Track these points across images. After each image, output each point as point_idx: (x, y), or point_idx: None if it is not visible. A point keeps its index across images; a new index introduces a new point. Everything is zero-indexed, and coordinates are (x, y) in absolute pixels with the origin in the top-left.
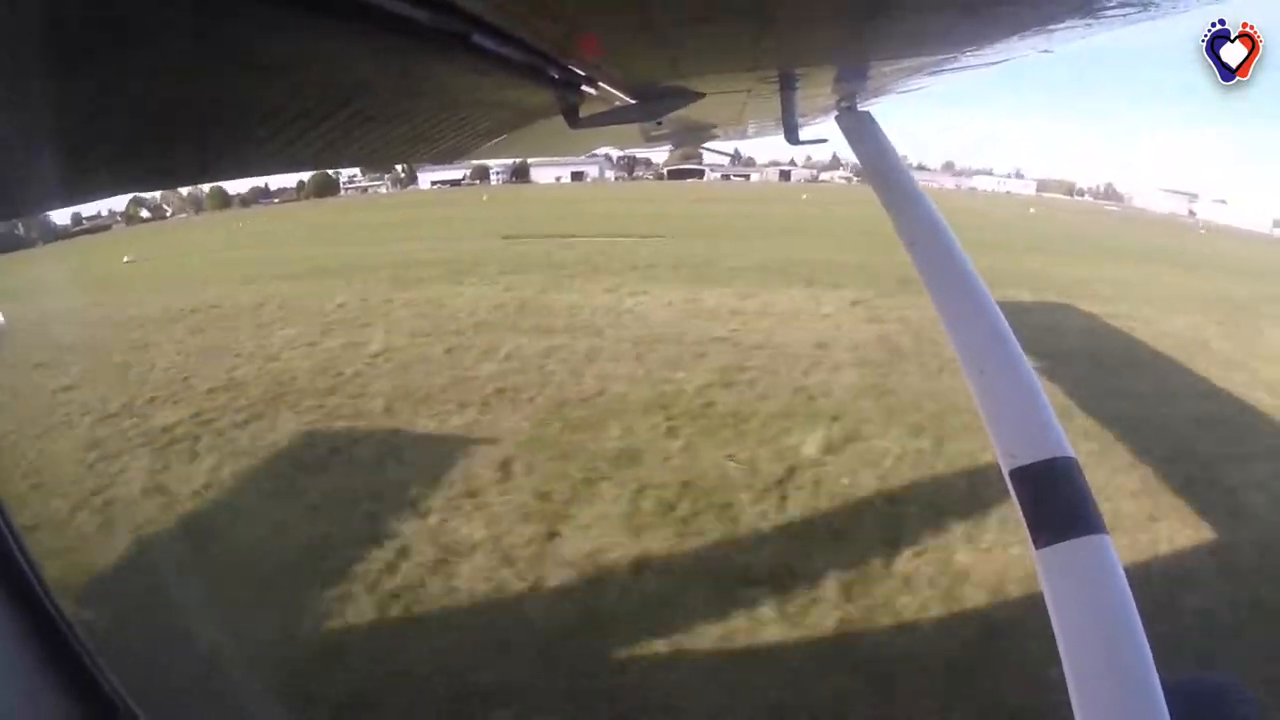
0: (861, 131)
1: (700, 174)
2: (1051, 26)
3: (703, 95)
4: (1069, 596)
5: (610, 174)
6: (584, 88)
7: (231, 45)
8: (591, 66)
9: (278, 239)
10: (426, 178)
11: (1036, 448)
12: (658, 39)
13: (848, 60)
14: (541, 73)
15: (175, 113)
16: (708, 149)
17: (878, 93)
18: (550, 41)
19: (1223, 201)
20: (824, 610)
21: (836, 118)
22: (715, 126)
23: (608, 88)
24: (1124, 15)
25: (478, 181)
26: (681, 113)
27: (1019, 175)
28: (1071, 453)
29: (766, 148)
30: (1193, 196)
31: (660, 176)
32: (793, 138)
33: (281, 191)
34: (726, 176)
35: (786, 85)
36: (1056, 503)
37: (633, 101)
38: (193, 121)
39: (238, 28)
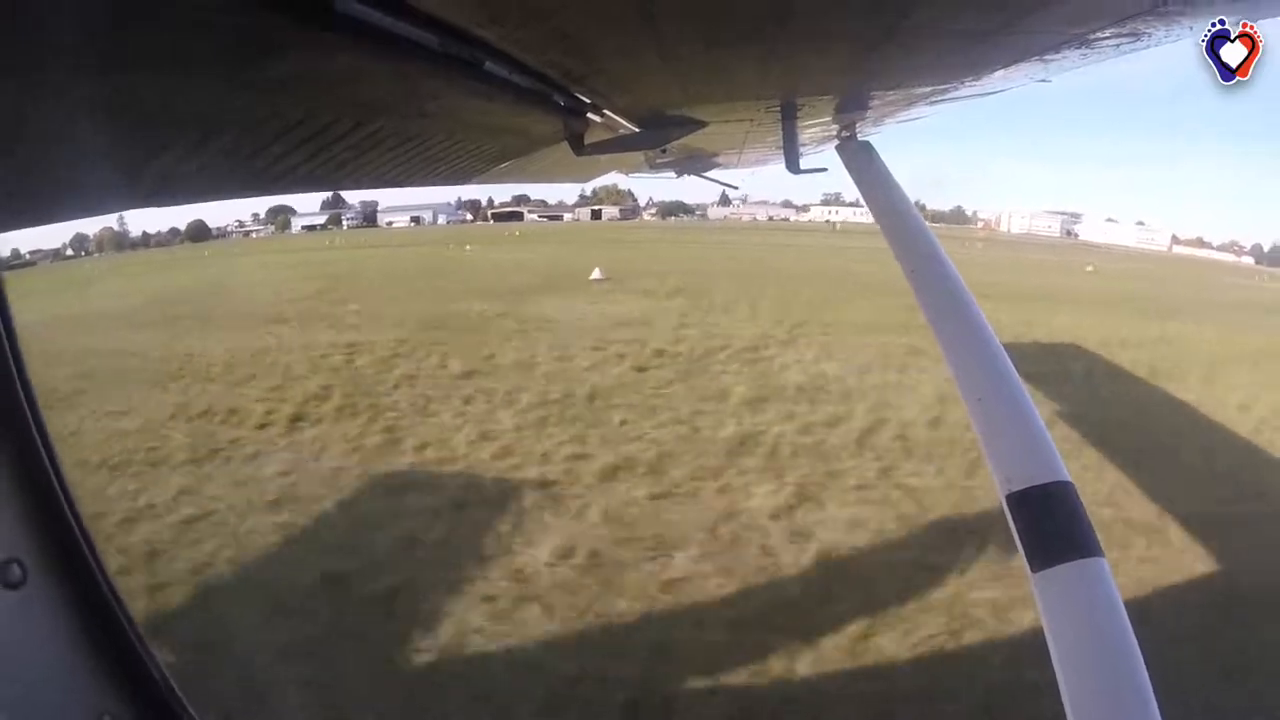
0: (861, 161)
1: (520, 216)
2: (1048, 57)
3: (705, 124)
4: (1065, 619)
5: (442, 218)
6: (589, 115)
7: (246, 61)
8: (598, 95)
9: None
10: (298, 222)
11: (1033, 473)
12: (664, 68)
13: (849, 90)
14: (549, 100)
15: (186, 128)
16: (708, 178)
17: (878, 122)
18: (559, 70)
19: (1141, 224)
20: None
21: (837, 147)
22: (717, 154)
23: (613, 115)
24: (1117, 46)
25: (332, 226)
26: (684, 141)
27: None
28: (1068, 477)
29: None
30: (1074, 217)
31: (487, 218)
32: (793, 167)
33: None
34: (548, 216)
35: (788, 114)
36: (1053, 526)
37: (637, 130)
38: (204, 138)
39: (253, 44)
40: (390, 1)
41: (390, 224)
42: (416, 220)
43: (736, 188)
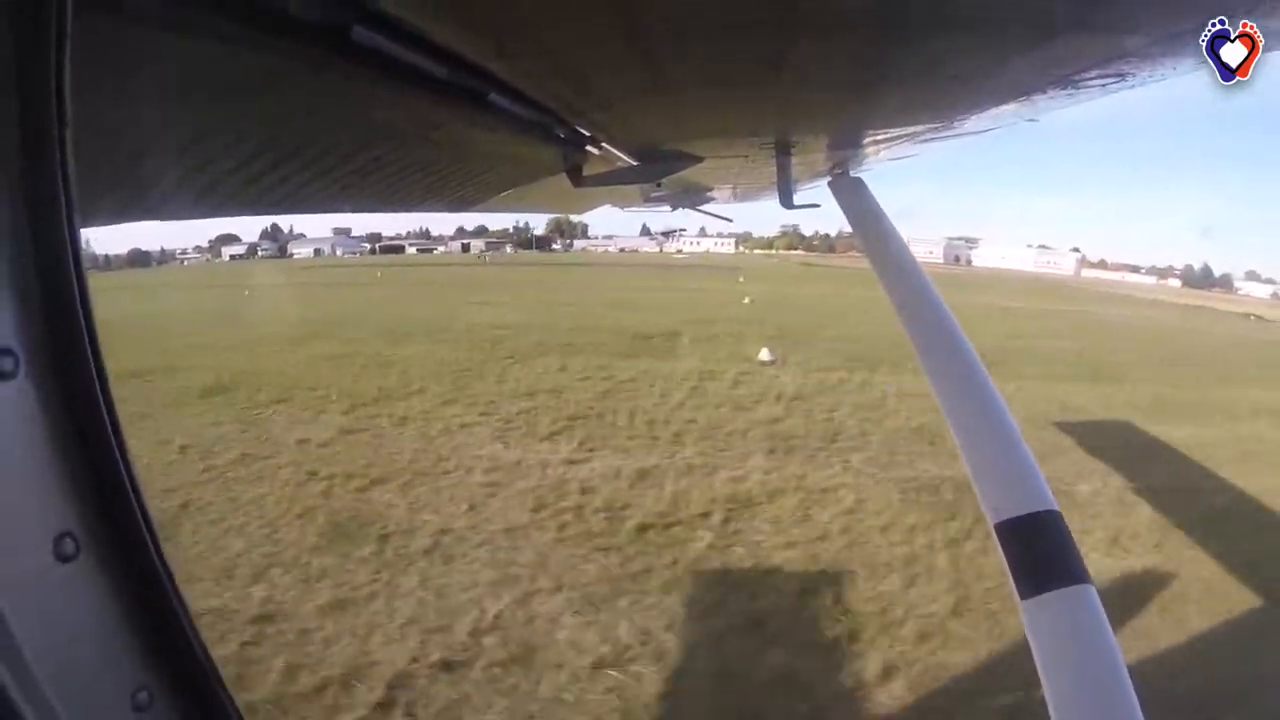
0: (854, 196)
1: (402, 249)
2: (1035, 97)
3: (701, 159)
4: (1055, 646)
5: (340, 250)
6: (588, 148)
7: (262, 83)
8: (598, 129)
9: None
10: (228, 251)
11: (1021, 502)
12: (663, 105)
13: (841, 129)
14: (550, 132)
15: (195, 147)
16: (703, 210)
17: (871, 159)
18: (561, 103)
19: (1076, 250)
20: None
21: (830, 183)
22: (712, 189)
23: (611, 149)
24: (1103, 85)
25: (251, 256)
26: (680, 175)
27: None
28: (1055, 505)
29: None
30: (969, 242)
31: (374, 250)
32: (787, 202)
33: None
34: (421, 250)
35: (783, 151)
36: (1041, 555)
37: (634, 163)
38: (214, 157)
39: (269, 66)
40: (404, 32)
41: (292, 255)
42: (318, 252)
43: (731, 220)
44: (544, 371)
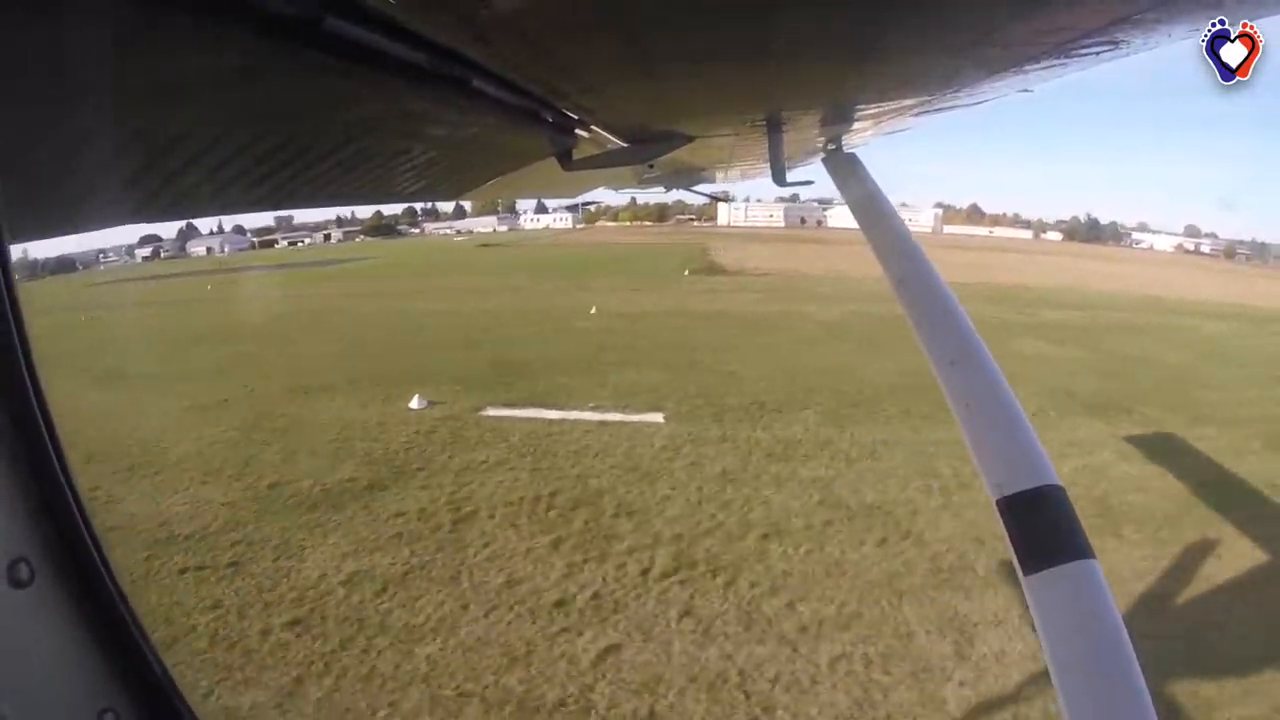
0: (847, 172)
1: (274, 243)
2: (1028, 67)
3: (692, 138)
4: (1059, 622)
5: (228, 247)
6: (577, 131)
7: (235, 79)
8: (586, 111)
9: None
10: (139, 253)
11: (1024, 477)
12: (650, 85)
13: (833, 104)
14: (537, 117)
15: (174, 146)
16: (697, 190)
17: (864, 134)
18: (546, 87)
19: (938, 206)
20: None
21: (823, 159)
22: (705, 168)
23: (600, 131)
24: (1096, 54)
25: (156, 257)
26: (672, 155)
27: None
28: (1058, 480)
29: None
30: (824, 204)
31: (253, 246)
32: (780, 179)
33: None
34: (291, 243)
35: (774, 128)
36: (1044, 530)
37: (624, 145)
38: (192, 156)
39: (242, 62)
40: (378, 21)
41: (190, 254)
42: (210, 250)
43: (726, 199)
44: None
